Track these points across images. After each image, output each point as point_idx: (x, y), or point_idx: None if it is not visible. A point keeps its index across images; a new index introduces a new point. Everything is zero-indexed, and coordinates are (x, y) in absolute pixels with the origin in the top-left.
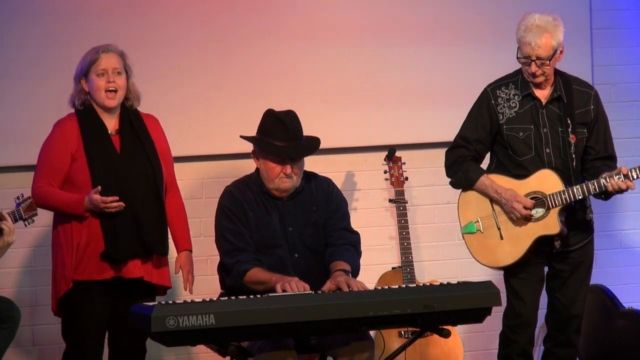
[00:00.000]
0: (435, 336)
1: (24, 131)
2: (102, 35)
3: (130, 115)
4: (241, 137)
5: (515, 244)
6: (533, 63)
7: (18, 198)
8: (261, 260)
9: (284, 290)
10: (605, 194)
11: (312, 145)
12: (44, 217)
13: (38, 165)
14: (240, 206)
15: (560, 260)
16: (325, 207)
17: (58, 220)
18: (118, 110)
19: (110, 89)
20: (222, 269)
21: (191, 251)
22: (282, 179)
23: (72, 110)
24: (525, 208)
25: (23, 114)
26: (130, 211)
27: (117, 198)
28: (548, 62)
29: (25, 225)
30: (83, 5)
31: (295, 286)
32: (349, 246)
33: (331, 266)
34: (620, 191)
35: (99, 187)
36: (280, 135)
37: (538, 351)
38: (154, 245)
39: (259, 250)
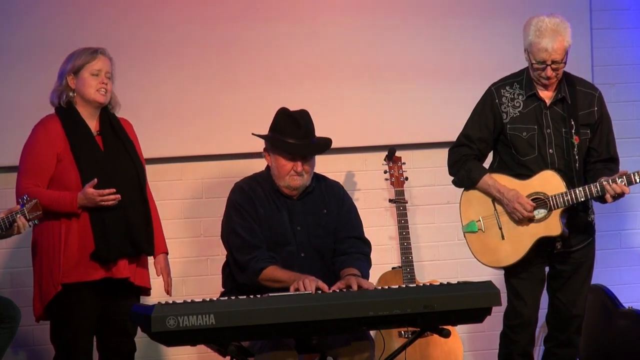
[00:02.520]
0: (435, 336)
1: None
2: (96, 35)
3: (110, 117)
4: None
5: (516, 244)
6: (548, 67)
7: (22, 199)
8: (274, 257)
9: (297, 290)
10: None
11: (324, 145)
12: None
13: (22, 167)
14: (251, 202)
15: (562, 260)
16: (337, 212)
17: (41, 221)
18: (98, 113)
19: (101, 89)
20: (235, 266)
21: (167, 253)
22: (292, 176)
23: (53, 108)
24: (527, 210)
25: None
26: (120, 210)
27: (114, 190)
28: (563, 64)
29: (30, 226)
30: (80, 5)
31: (309, 285)
32: (361, 255)
33: (341, 273)
34: (617, 196)
35: (95, 180)
36: (293, 132)
37: (538, 351)
38: (143, 244)
39: (269, 247)
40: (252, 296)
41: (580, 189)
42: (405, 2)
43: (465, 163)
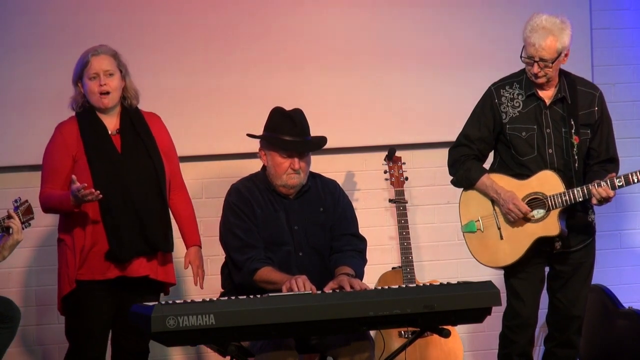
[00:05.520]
0: (435, 336)
1: (24, 131)
2: (102, 34)
3: (130, 114)
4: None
5: (514, 244)
6: (536, 64)
7: (16, 201)
8: (270, 257)
9: (289, 289)
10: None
11: (319, 142)
12: (45, 217)
13: (42, 172)
14: (248, 203)
15: (561, 261)
16: (333, 210)
17: (63, 221)
18: (117, 110)
19: (102, 91)
20: (232, 266)
21: (200, 246)
22: (290, 174)
23: (73, 113)
24: (522, 212)
25: (23, 115)
26: (133, 210)
27: (87, 185)
28: (551, 64)
29: (23, 228)
30: (83, 3)
31: (302, 285)
32: (355, 252)
33: (336, 271)
34: (603, 200)
35: (73, 177)
36: (288, 130)
37: (538, 351)
38: (158, 242)
39: (266, 247)
40: (252, 296)
41: (579, 188)
42: (406, 2)
43: (464, 163)
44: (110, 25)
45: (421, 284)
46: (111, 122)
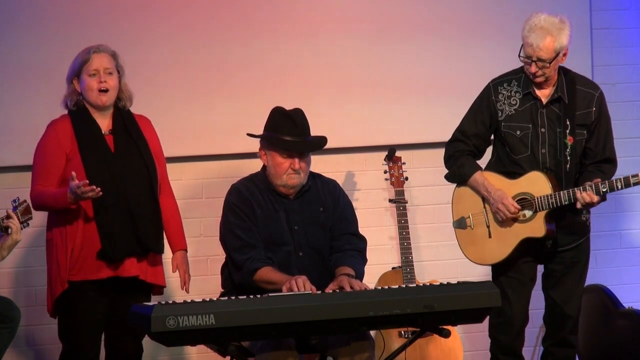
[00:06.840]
0: (435, 336)
1: (21, 131)
2: (99, 35)
3: (123, 116)
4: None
5: (502, 243)
6: (533, 64)
7: (15, 201)
8: (271, 257)
9: (289, 289)
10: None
11: (320, 142)
12: (42, 217)
13: (34, 169)
14: (248, 203)
15: (553, 260)
16: (333, 209)
17: (52, 220)
18: (111, 111)
19: (102, 88)
20: (232, 266)
21: (186, 251)
22: (290, 174)
23: (66, 111)
24: (510, 212)
25: (19, 114)
26: (126, 209)
27: (87, 182)
28: (549, 64)
29: (22, 228)
30: (81, 4)
31: (302, 285)
32: (355, 252)
33: (336, 271)
34: (587, 205)
35: (73, 173)
36: (289, 130)
37: (538, 351)
38: (150, 243)
39: (266, 247)
40: (252, 296)
41: (565, 192)
42: (406, 2)
43: (458, 159)
44: (108, 24)
45: (421, 284)
46: (104, 122)
